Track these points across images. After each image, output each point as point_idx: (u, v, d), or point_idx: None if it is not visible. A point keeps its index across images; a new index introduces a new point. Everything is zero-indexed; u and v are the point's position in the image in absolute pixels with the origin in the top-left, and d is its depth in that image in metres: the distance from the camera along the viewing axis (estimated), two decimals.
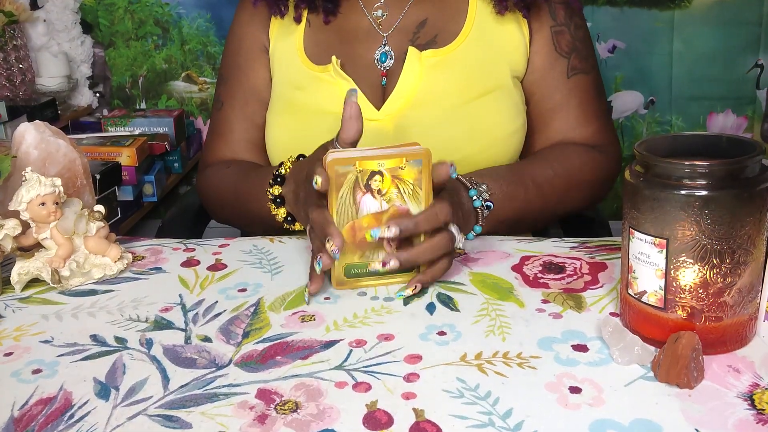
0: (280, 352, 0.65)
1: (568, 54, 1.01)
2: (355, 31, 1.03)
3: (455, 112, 0.97)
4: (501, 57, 0.99)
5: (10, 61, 2.11)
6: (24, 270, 0.78)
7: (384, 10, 1.01)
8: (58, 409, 0.57)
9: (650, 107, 2.32)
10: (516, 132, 1.00)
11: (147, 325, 0.70)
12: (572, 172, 0.97)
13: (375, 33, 1.01)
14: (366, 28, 1.02)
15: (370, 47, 1.01)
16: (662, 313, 0.62)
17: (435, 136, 0.94)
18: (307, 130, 0.99)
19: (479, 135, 0.97)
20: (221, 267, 0.82)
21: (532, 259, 0.82)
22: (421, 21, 1.01)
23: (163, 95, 2.46)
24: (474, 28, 0.99)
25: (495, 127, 0.98)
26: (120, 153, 2.02)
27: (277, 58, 1.06)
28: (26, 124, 0.84)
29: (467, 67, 0.98)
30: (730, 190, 0.58)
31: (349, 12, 1.03)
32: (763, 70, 2.24)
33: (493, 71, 0.99)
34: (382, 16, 1.02)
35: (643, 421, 0.54)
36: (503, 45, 1.00)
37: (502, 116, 0.98)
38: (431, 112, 0.97)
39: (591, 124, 1.02)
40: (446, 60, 0.98)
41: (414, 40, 1.00)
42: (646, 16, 2.24)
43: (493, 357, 0.63)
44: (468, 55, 0.98)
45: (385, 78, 1.00)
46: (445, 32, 1.00)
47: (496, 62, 0.99)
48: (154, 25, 2.40)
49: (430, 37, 1.00)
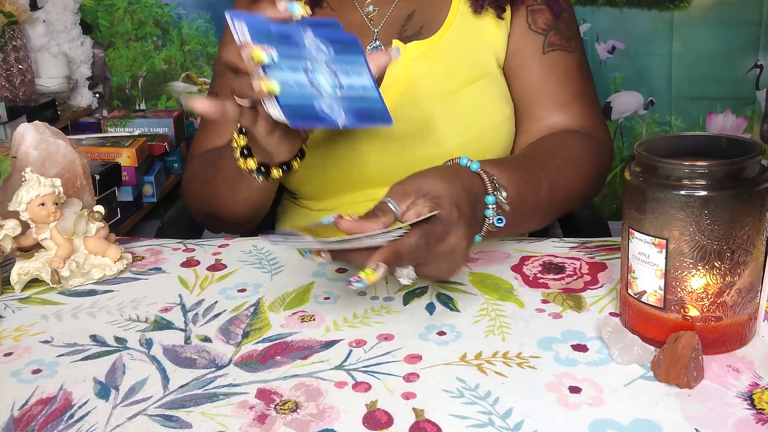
0: (279, 352, 0.65)
1: (545, 31, 0.99)
2: (347, 26, 1.00)
3: (444, 101, 0.96)
4: (485, 45, 0.99)
5: (10, 62, 2.11)
6: (24, 270, 0.78)
7: (375, 6, 1.02)
8: (58, 409, 0.57)
9: (650, 108, 2.32)
10: (506, 120, 0.99)
11: (147, 325, 0.70)
12: (579, 168, 0.93)
13: (366, 28, 1.02)
14: (358, 24, 1.02)
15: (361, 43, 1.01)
16: (662, 313, 0.62)
17: (426, 127, 0.94)
18: None
19: (470, 123, 0.96)
20: (221, 267, 0.83)
21: (532, 259, 0.82)
22: (408, 14, 1.01)
23: (163, 96, 2.46)
24: (458, 18, 0.99)
25: (485, 115, 0.97)
26: (120, 153, 2.02)
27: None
28: (26, 124, 0.84)
29: (453, 56, 0.98)
30: (729, 191, 0.58)
31: (342, 7, 1.03)
32: (762, 71, 2.24)
33: (478, 59, 0.99)
34: (373, 12, 1.02)
35: (642, 420, 0.54)
36: (487, 33, 0.99)
37: (491, 104, 0.98)
38: (420, 103, 0.96)
39: (573, 104, 0.98)
40: (431, 50, 0.98)
41: (401, 33, 1.00)
42: (646, 17, 2.24)
43: (493, 357, 0.63)
44: (453, 44, 0.98)
45: None
46: (431, 23, 1.00)
47: (481, 50, 0.99)
48: (154, 26, 2.40)
49: (416, 29, 1.00)
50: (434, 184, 0.69)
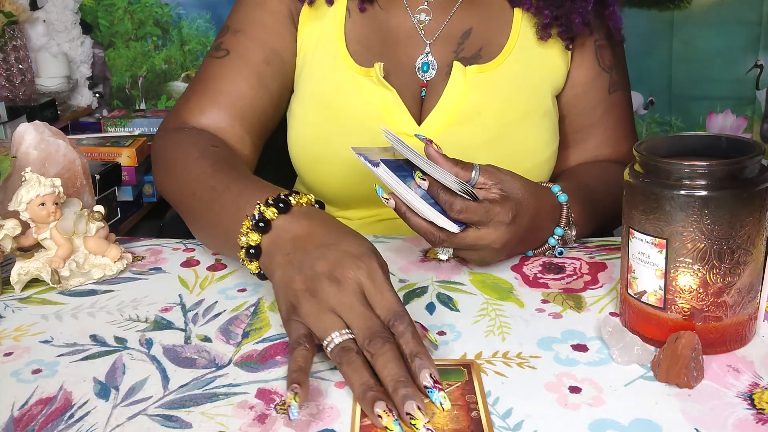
0: (280, 352, 0.65)
1: (609, 69, 0.99)
2: (396, 31, 0.97)
3: (497, 134, 0.93)
4: (543, 77, 0.96)
5: (10, 62, 2.11)
6: (24, 270, 0.78)
7: (428, 15, 0.96)
8: (58, 409, 0.57)
9: (650, 108, 2.32)
10: (552, 156, 0.97)
11: (147, 325, 0.70)
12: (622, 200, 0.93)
13: (418, 38, 0.96)
14: (408, 31, 0.96)
15: (411, 53, 0.96)
16: (662, 313, 0.62)
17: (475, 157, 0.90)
18: (336, 135, 0.94)
19: (519, 159, 0.93)
20: (221, 267, 0.82)
21: (532, 259, 0.82)
22: (465, 30, 0.96)
23: (163, 96, 2.46)
24: (518, 45, 0.95)
25: (535, 151, 0.95)
26: (120, 153, 2.02)
27: (311, 42, 0.96)
28: (26, 124, 0.84)
29: (511, 87, 0.94)
30: (729, 191, 0.58)
31: (392, 9, 0.96)
32: (762, 71, 2.24)
33: (535, 92, 0.96)
34: (425, 21, 0.96)
35: (642, 420, 0.54)
36: (546, 64, 0.96)
37: (541, 141, 0.96)
38: (473, 131, 0.93)
39: (627, 141, 1.01)
40: (490, 77, 0.94)
41: (458, 51, 0.95)
42: (646, 17, 2.24)
43: (493, 357, 0.63)
44: (512, 73, 0.94)
45: (425, 89, 0.95)
46: (490, 46, 0.95)
47: (539, 82, 0.96)
48: (154, 26, 2.40)
49: (475, 51, 0.95)
50: (514, 187, 0.75)
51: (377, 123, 0.90)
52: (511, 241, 0.74)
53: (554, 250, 0.82)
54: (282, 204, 0.67)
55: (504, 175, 0.76)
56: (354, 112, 0.94)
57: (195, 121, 0.91)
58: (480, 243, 0.73)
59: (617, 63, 1.00)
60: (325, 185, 0.99)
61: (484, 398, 0.56)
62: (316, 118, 0.95)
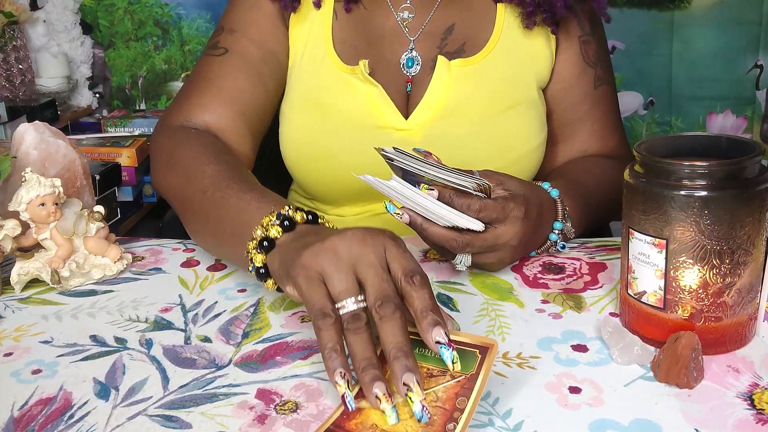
0: (279, 352, 0.65)
1: (594, 64, 1.00)
2: (381, 30, 0.98)
3: (483, 125, 0.94)
4: (528, 68, 0.97)
5: (10, 62, 2.11)
6: (24, 270, 0.78)
7: (410, 12, 0.98)
8: (58, 410, 0.57)
9: (650, 108, 2.32)
10: (539, 146, 0.98)
11: (147, 325, 0.70)
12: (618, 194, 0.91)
13: (401, 35, 0.98)
14: (392, 29, 0.98)
15: (396, 50, 0.98)
16: (662, 313, 0.62)
17: (462, 149, 0.92)
18: (326, 133, 0.95)
19: (507, 149, 0.95)
20: (221, 267, 0.82)
21: (532, 259, 0.82)
22: (448, 26, 0.98)
23: (163, 96, 2.46)
24: (502, 37, 0.97)
25: (522, 141, 0.96)
26: (120, 153, 2.02)
27: (300, 44, 0.98)
28: (26, 124, 0.84)
29: (495, 79, 0.96)
30: (729, 191, 0.58)
31: (375, 8, 0.99)
32: (762, 71, 2.24)
33: (520, 83, 0.97)
34: (408, 18, 0.98)
35: (642, 421, 0.54)
36: (531, 56, 0.97)
37: (528, 130, 0.97)
38: (459, 123, 0.94)
39: (614, 135, 1.02)
40: (475, 70, 0.95)
41: (441, 46, 0.97)
42: (646, 17, 2.24)
43: None
44: (496, 66, 0.96)
45: (410, 84, 0.97)
46: (473, 40, 0.97)
47: (524, 74, 0.97)
48: (154, 26, 2.40)
49: (458, 45, 0.97)
50: (515, 185, 0.76)
51: (365, 119, 0.93)
52: (526, 235, 0.75)
53: (556, 245, 0.81)
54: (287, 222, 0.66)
55: (502, 177, 0.77)
56: (342, 109, 0.95)
57: (197, 117, 0.91)
58: (500, 241, 0.73)
59: (602, 58, 1.01)
60: (318, 183, 1.00)
61: (479, 398, 0.52)
62: (306, 117, 0.97)
